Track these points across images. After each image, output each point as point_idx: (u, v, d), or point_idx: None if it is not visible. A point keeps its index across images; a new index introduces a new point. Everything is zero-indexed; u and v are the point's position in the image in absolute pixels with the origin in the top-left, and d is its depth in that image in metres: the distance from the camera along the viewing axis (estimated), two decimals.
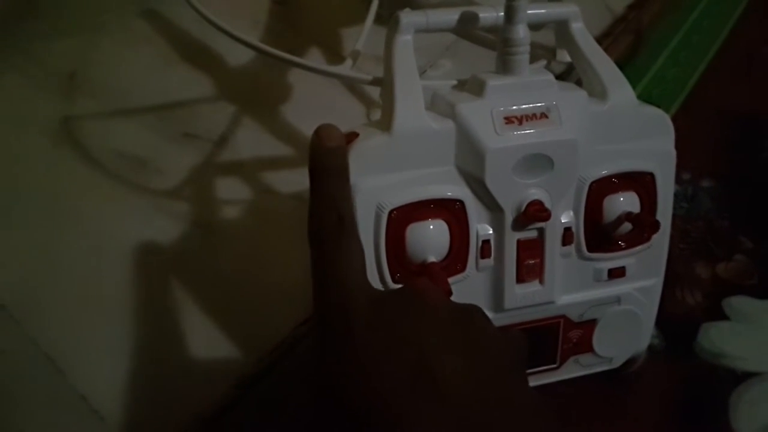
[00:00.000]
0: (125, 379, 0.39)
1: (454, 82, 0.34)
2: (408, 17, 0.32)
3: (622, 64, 0.39)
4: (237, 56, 0.52)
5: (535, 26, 0.38)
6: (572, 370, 0.37)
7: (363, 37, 0.40)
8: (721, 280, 0.48)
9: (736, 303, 0.46)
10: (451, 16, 0.32)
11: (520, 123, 0.31)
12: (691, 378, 0.43)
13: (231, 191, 0.47)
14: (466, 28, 0.32)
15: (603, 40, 0.63)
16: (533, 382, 0.37)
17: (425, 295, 0.27)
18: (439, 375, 0.24)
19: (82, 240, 0.43)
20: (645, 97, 0.57)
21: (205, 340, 0.41)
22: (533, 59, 0.51)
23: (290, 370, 0.41)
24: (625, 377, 0.42)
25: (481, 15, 0.33)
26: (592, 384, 0.39)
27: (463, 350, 0.25)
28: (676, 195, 0.53)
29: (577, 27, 0.34)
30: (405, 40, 0.32)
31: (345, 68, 0.35)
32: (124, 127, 0.49)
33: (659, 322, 0.38)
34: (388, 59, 0.32)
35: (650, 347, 0.40)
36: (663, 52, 0.61)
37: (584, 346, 0.36)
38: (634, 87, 0.42)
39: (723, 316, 0.46)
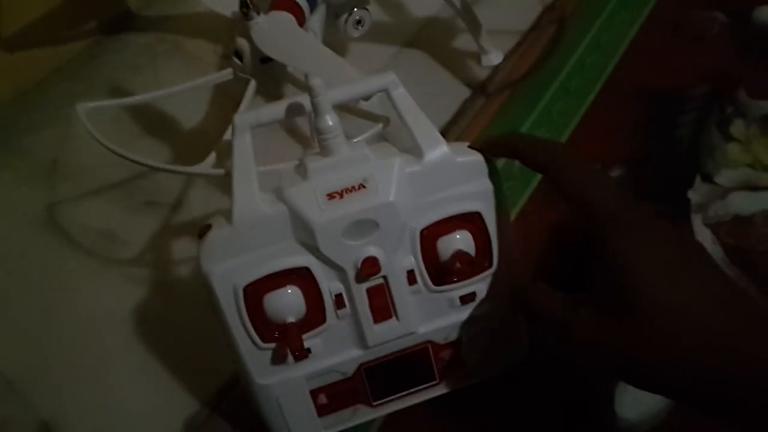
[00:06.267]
0: None
1: (297, 163, 0.38)
2: (240, 119, 0.37)
3: (545, 57, 0.40)
4: (191, 120, 0.59)
5: (362, 98, 0.42)
6: (453, 383, 0.41)
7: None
8: None
9: None
10: (279, 108, 0.37)
11: (341, 196, 0.36)
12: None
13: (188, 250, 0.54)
14: (294, 117, 0.37)
15: (530, 33, 0.65)
16: (418, 399, 0.41)
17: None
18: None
19: (71, 313, 0.50)
20: (565, 88, 0.59)
21: (187, 390, 0.47)
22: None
23: None
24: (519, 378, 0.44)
25: (305, 104, 0.37)
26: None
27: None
28: None
29: (397, 93, 0.37)
30: (242, 139, 0.37)
31: (205, 166, 0.41)
32: (97, 205, 0.55)
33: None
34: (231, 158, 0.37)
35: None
36: (584, 39, 0.63)
37: (457, 362, 0.41)
38: (554, 78, 0.45)
39: None
